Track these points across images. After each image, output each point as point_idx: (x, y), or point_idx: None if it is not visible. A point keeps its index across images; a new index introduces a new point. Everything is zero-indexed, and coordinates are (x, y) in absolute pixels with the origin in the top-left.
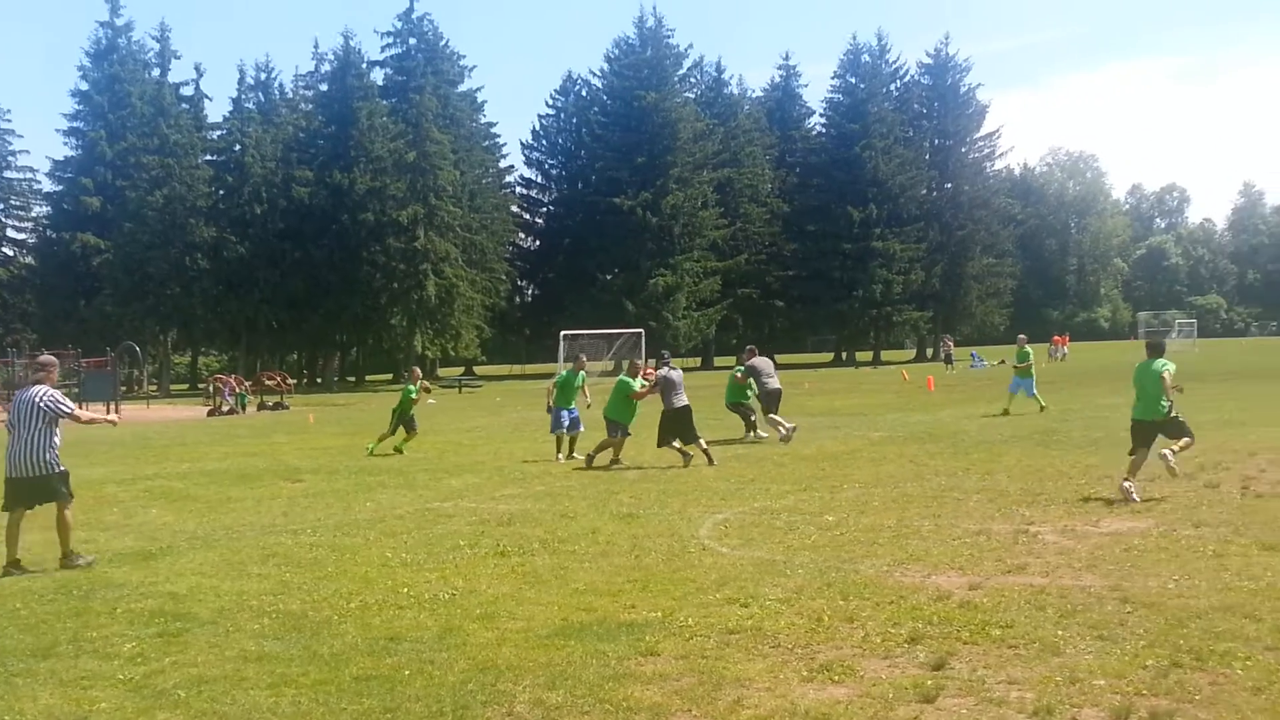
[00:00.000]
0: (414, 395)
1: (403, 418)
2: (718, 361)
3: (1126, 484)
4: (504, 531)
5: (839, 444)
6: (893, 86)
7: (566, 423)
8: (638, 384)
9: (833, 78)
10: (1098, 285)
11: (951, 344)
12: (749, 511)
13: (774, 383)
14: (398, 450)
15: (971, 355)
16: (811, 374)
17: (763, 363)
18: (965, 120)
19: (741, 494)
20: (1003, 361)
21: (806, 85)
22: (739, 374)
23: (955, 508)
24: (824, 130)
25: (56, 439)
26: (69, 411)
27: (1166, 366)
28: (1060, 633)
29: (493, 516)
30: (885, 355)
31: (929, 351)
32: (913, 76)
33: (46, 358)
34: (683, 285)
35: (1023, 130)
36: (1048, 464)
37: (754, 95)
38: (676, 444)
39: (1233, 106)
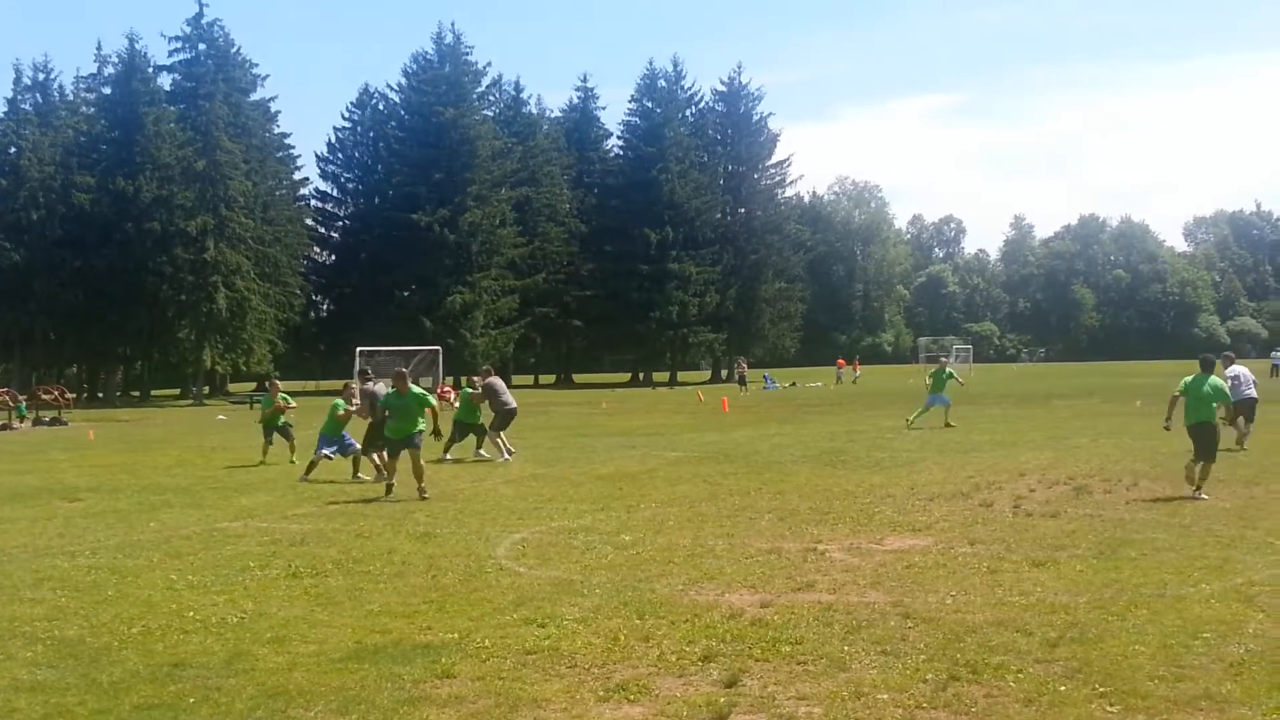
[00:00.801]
0: (271, 406)
1: (269, 430)
2: (516, 380)
3: (1198, 493)
4: (297, 552)
5: (636, 464)
6: (688, 112)
7: (332, 448)
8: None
9: (630, 101)
10: (882, 311)
11: (746, 366)
12: (547, 531)
13: (511, 403)
14: (261, 462)
15: (765, 377)
16: (609, 394)
17: (499, 383)
18: (758, 148)
19: (539, 513)
20: (794, 384)
21: (604, 108)
22: (472, 392)
23: (748, 527)
24: (621, 152)
25: None
26: None
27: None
28: (846, 648)
29: (285, 536)
30: (681, 376)
31: (724, 373)
32: (707, 103)
33: None
34: (480, 303)
35: (812, 160)
36: (835, 484)
37: (553, 115)
38: (377, 457)
39: (1005, 142)
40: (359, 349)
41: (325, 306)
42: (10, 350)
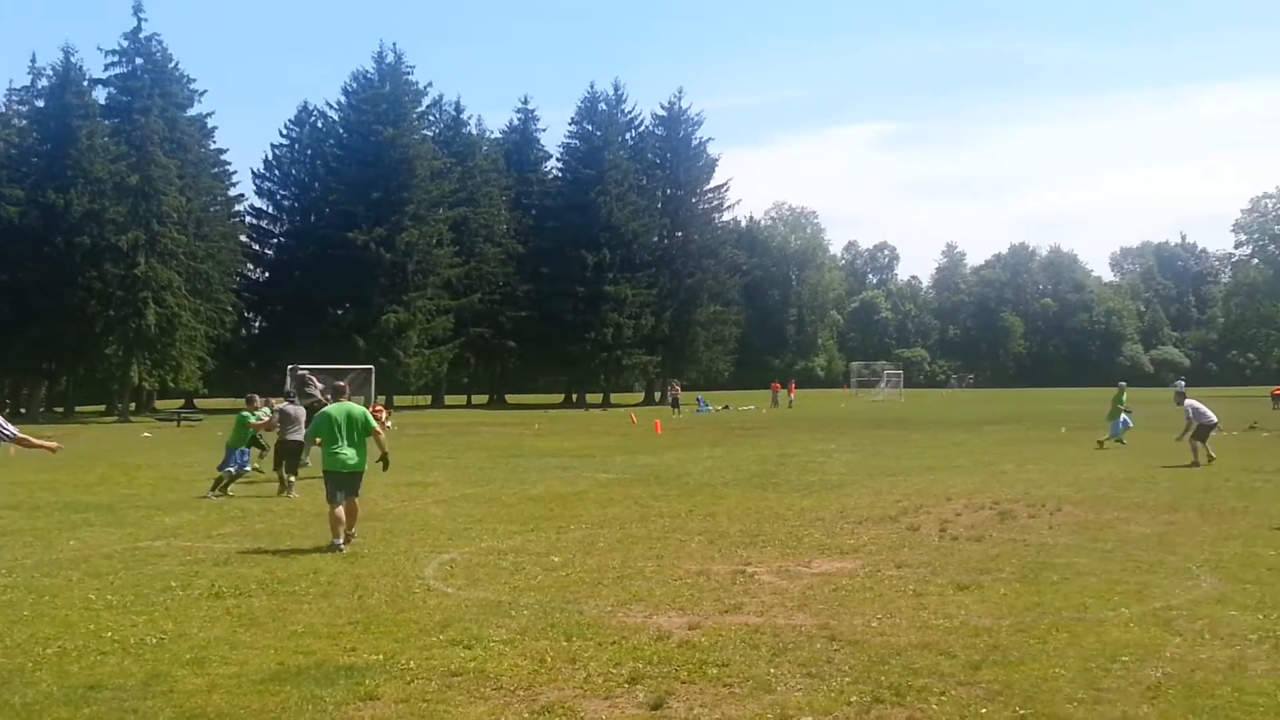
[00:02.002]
0: (250, 421)
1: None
2: (450, 399)
3: None
4: (220, 572)
5: (567, 485)
6: (628, 135)
7: (236, 463)
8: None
9: (570, 123)
10: (815, 335)
11: (679, 388)
12: (475, 552)
13: (298, 435)
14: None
15: (698, 400)
16: (542, 415)
17: (296, 411)
18: (696, 172)
19: (468, 534)
20: (727, 407)
21: (544, 130)
22: (256, 418)
23: (678, 549)
24: (560, 174)
25: None
26: None
27: None
28: (773, 670)
29: (208, 556)
30: (615, 398)
31: (657, 395)
32: (647, 127)
33: None
34: (415, 323)
35: (750, 185)
36: (766, 506)
37: (492, 136)
38: (283, 471)
39: (939, 171)
40: (290, 367)
41: (257, 324)
42: None
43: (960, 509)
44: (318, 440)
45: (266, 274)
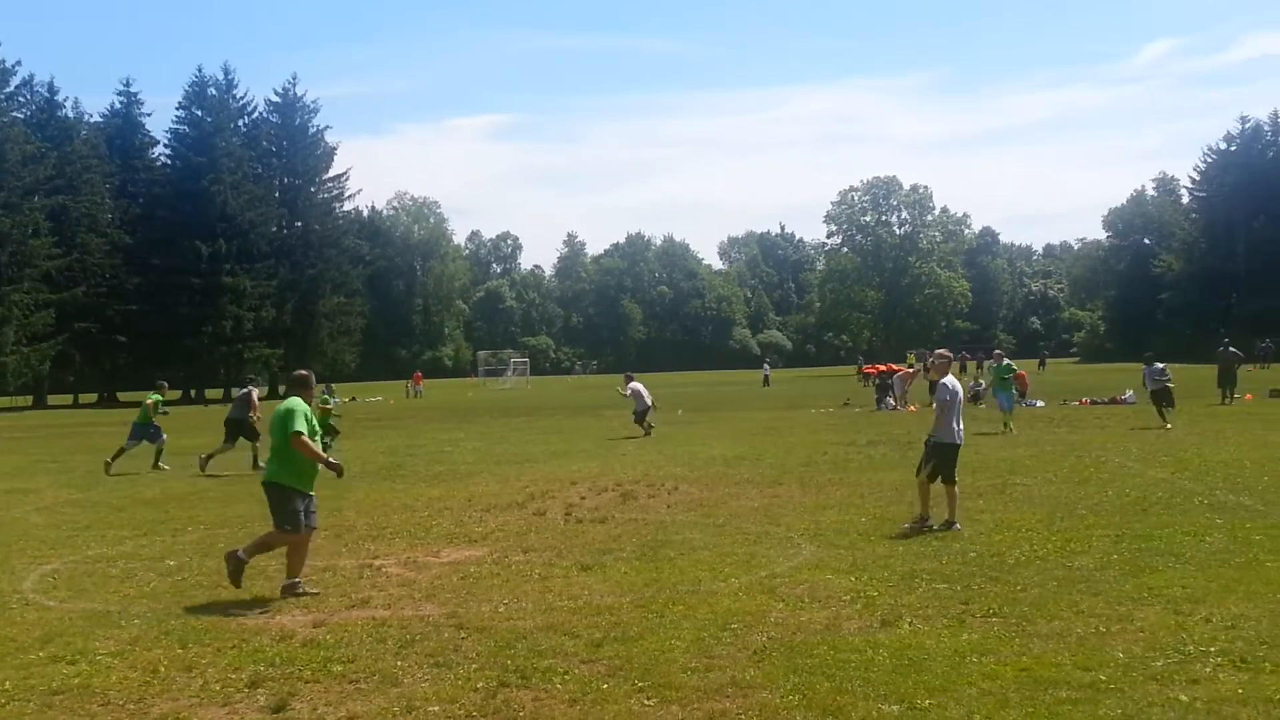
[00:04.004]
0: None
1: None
2: (54, 399)
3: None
4: None
5: (185, 485)
6: (241, 122)
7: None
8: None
9: (178, 109)
10: (441, 325)
11: None
12: (82, 560)
13: None
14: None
15: (324, 392)
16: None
17: None
18: (314, 161)
19: (74, 542)
20: (354, 398)
21: (150, 114)
22: None
23: None
24: (170, 162)
25: None
26: None
27: None
28: (399, 663)
29: None
30: (237, 393)
31: (280, 389)
32: (261, 114)
33: None
34: (11, 318)
35: (371, 175)
36: (394, 498)
37: (92, 120)
38: None
39: (559, 162)
40: None
41: None
42: None
43: (585, 492)
44: None
45: None
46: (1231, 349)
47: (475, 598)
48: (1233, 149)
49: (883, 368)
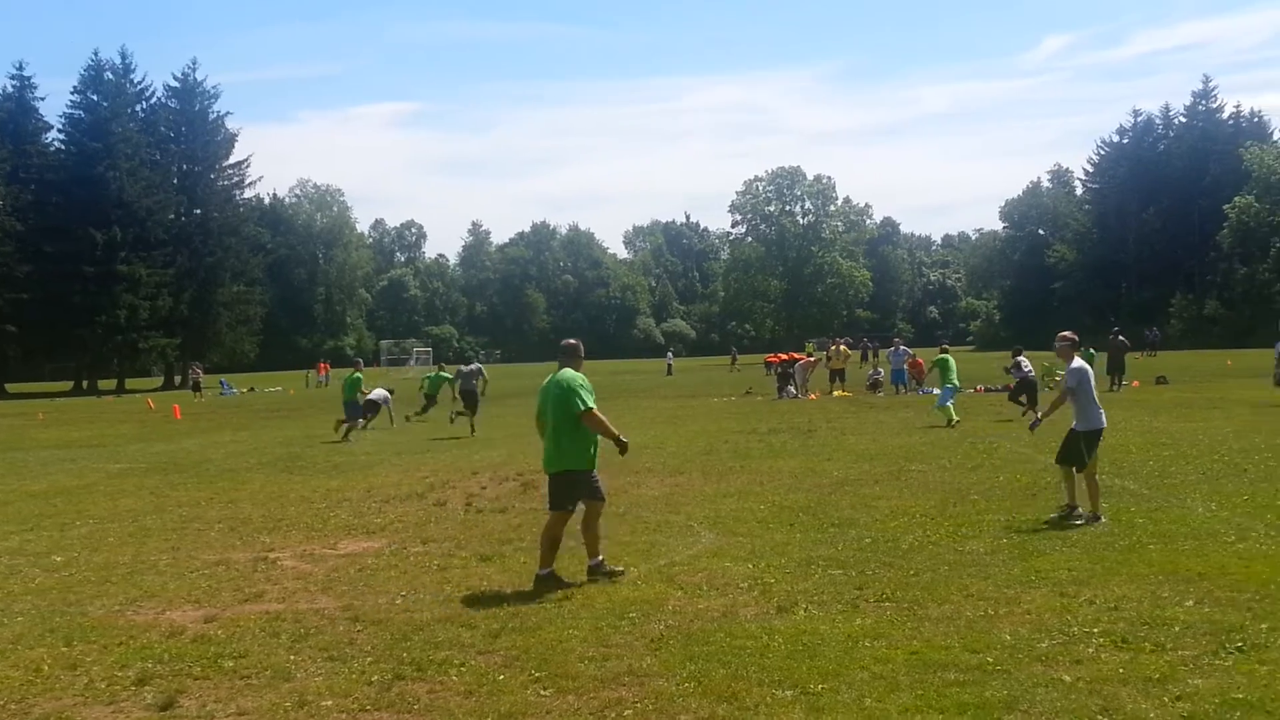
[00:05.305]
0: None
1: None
2: None
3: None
4: None
5: (73, 478)
6: (139, 108)
7: None
8: None
9: (73, 93)
10: (344, 314)
11: (200, 371)
12: None
13: None
14: None
15: (221, 383)
16: (47, 404)
17: None
18: (214, 147)
19: None
20: (253, 389)
21: (44, 98)
22: None
23: (196, 539)
24: (64, 147)
25: None
26: None
27: None
28: (293, 657)
29: None
30: (131, 384)
31: (177, 379)
32: (159, 99)
33: None
34: None
35: (272, 162)
36: (291, 490)
37: None
38: None
39: (463, 150)
40: None
41: None
42: None
43: (486, 482)
44: None
45: None
46: (1121, 337)
47: (372, 590)
48: (1125, 142)
49: (784, 356)
